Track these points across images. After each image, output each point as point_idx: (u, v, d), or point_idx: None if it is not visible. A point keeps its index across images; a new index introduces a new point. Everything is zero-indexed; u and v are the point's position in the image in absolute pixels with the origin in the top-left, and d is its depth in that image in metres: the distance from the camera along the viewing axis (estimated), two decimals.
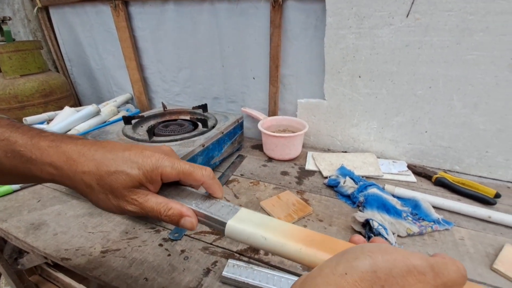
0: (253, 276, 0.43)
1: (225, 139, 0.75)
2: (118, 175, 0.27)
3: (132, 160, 0.28)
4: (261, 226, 0.27)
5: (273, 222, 0.28)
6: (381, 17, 0.65)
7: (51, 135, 0.29)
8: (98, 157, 0.27)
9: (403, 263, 0.17)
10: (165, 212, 0.28)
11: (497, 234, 0.54)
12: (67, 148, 0.28)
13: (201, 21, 0.86)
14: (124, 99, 1.05)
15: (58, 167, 0.27)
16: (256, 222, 0.28)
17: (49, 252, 0.49)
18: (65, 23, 1.09)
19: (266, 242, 0.26)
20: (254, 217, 0.29)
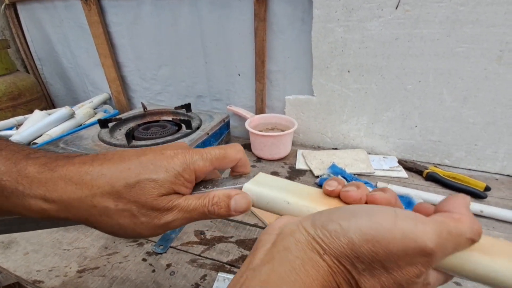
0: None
1: (211, 140, 0.71)
2: (144, 185, 0.21)
3: (155, 164, 0.22)
4: (282, 189, 0.24)
5: (294, 186, 0.25)
6: (369, 9, 0.62)
7: (42, 157, 0.22)
8: (108, 171, 0.21)
9: (400, 246, 0.16)
10: (211, 202, 0.23)
11: (489, 228, 0.54)
12: (63, 171, 0.21)
13: (181, 15, 0.81)
14: (101, 100, 0.98)
15: (54, 200, 0.21)
16: (277, 185, 0.25)
17: (20, 274, 0.44)
18: (33, 19, 1.00)
19: (289, 206, 0.23)
20: (273, 181, 0.26)
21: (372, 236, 0.17)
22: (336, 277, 0.17)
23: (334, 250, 0.17)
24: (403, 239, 0.16)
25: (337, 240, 0.17)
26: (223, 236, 0.52)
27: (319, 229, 0.18)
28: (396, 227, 0.17)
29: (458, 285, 0.42)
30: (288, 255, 0.17)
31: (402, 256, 0.17)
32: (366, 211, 0.18)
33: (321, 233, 0.18)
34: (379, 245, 0.17)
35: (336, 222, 0.18)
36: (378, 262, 0.17)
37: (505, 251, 0.18)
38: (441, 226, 0.17)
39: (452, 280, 0.42)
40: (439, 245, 0.17)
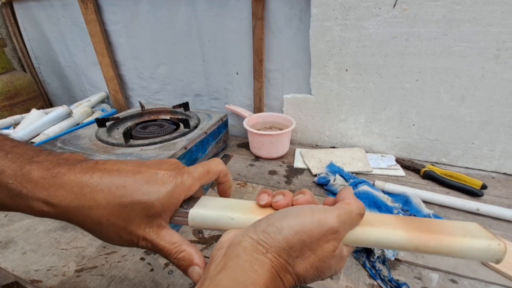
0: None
1: (209, 139, 0.71)
2: (134, 207, 0.24)
3: (148, 187, 0.24)
4: (224, 208, 0.28)
5: (235, 203, 0.29)
6: (367, 7, 0.62)
7: (45, 162, 0.24)
8: (106, 187, 0.23)
9: (318, 230, 0.22)
10: (175, 255, 0.25)
11: (485, 226, 0.54)
12: (65, 180, 0.23)
13: (178, 14, 0.81)
14: (98, 99, 0.98)
15: (54, 205, 0.23)
16: (219, 205, 0.28)
17: (18, 274, 0.44)
18: (30, 18, 1.00)
19: (233, 221, 0.26)
20: (216, 201, 0.29)
21: (299, 228, 0.22)
22: (277, 268, 0.22)
23: (274, 247, 0.22)
24: (319, 225, 0.23)
25: (275, 238, 0.22)
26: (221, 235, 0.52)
27: (260, 233, 0.22)
28: (313, 219, 0.23)
29: (454, 283, 0.43)
30: (238, 261, 0.21)
31: (321, 238, 0.23)
32: (292, 212, 0.24)
33: (263, 236, 0.22)
34: (305, 234, 0.22)
35: (273, 225, 0.23)
36: (306, 247, 0.22)
37: (383, 221, 0.26)
38: (339, 210, 0.24)
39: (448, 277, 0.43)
40: (341, 223, 0.23)
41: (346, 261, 0.27)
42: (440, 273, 0.44)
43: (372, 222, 0.26)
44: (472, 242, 0.22)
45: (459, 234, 0.23)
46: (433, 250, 0.24)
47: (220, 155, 0.79)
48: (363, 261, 0.46)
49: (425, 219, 0.27)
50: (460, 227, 0.24)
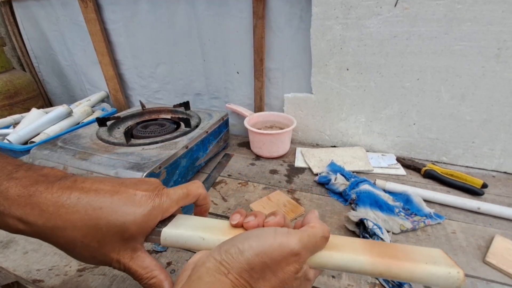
0: None
1: (210, 139, 0.71)
2: (109, 230, 0.24)
3: (125, 209, 0.25)
4: (197, 228, 0.28)
5: (208, 222, 0.29)
6: (368, 6, 0.62)
7: (24, 178, 0.24)
8: (83, 209, 0.24)
9: (278, 253, 0.22)
10: (147, 280, 0.26)
11: (486, 225, 0.54)
12: (42, 199, 0.23)
13: (178, 13, 0.80)
14: (98, 98, 0.98)
15: (30, 223, 0.23)
16: (192, 225, 0.28)
17: (19, 274, 0.44)
18: (29, 17, 0.99)
19: (204, 242, 0.26)
20: (189, 221, 0.29)
21: (260, 250, 0.22)
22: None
23: (235, 268, 0.22)
24: (280, 247, 0.23)
25: (237, 259, 0.22)
26: None
27: (224, 254, 0.23)
28: (275, 241, 0.23)
29: None
30: (200, 283, 0.21)
31: (282, 260, 0.23)
32: (256, 234, 0.24)
33: (225, 256, 0.22)
34: (266, 256, 0.22)
35: (235, 246, 0.23)
36: (267, 268, 0.22)
37: (350, 245, 0.26)
38: (302, 233, 0.24)
39: None
40: (303, 246, 0.23)
41: (312, 283, 0.27)
42: None
43: (338, 246, 0.26)
44: (433, 269, 0.23)
45: (422, 261, 0.24)
46: (396, 276, 0.24)
47: (221, 154, 0.79)
48: None
49: (391, 245, 0.27)
50: (424, 254, 0.25)
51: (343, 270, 0.26)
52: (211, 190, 0.64)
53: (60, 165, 0.53)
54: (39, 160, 0.56)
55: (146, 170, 0.49)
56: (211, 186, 0.65)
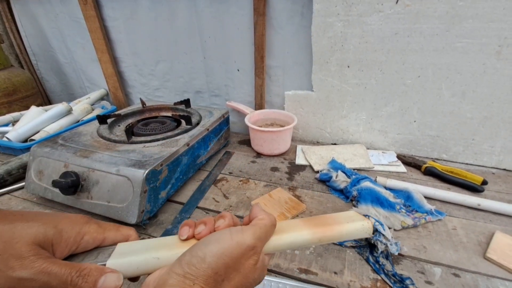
0: None
1: (211, 136, 0.71)
2: (23, 229, 0.22)
3: (47, 220, 0.24)
4: (146, 249, 0.26)
5: (156, 242, 0.28)
6: (370, 3, 0.62)
7: None
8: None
9: (238, 251, 0.24)
10: (78, 272, 0.22)
11: (486, 221, 0.54)
12: None
13: (179, 10, 0.80)
14: (98, 96, 0.97)
15: None
16: (139, 248, 0.26)
17: None
18: (27, 13, 0.98)
19: (159, 261, 0.25)
20: (133, 246, 0.27)
21: (221, 253, 0.23)
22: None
23: (200, 277, 0.22)
24: (238, 246, 0.24)
25: (200, 268, 0.22)
26: None
27: (186, 266, 0.22)
28: (232, 241, 0.24)
29: (456, 276, 0.43)
30: None
31: (242, 257, 0.24)
32: (213, 239, 0.25)
33: (188, 268, 0.22)
34: (227, 257, 0.23)
35: (196, 256, 0.23)
36: (230, 269, 0.23)
37: (291, 226, 0.30)
38: (254, 227, 0.26)
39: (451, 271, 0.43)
40: (257, 239, 0.25)
41: (267, 266, 0.29)
42: (442, 267, 0.44)
43: (283, 229, 0.29)
44: (353, 226, 0.30)
45: (345, 222, 0.30)
46: (331, 238, 0.30)
47: (221, 152, 0.79)
48: (366, 256, 0.46)
49: (321, 216, 0.32)
50: (344, 216, 0.32)
51: (292, 248, 0.29)
52: (212, 188, 0.64)
53: (61, 163, 0.53)
54: (40, 157, 0.55)
55: (148, 167, 0.49)
56: (212, 183, 0.65)
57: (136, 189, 0.48)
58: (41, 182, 0.56)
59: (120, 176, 0.49)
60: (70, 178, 0.50)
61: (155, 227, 0.53)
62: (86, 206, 0.52)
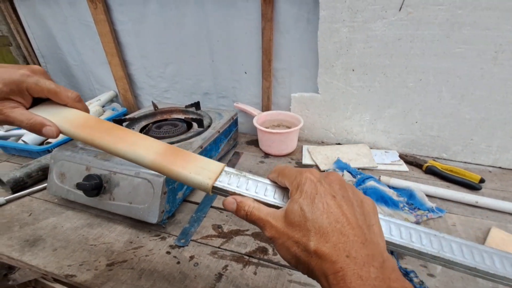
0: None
1: (222, 138, 0.74)
2: None
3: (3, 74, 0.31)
4: (55, 116, 0.34)
5: (65, 113, 0.35)
6: (374, 10, 0.65)
7: None
8: None
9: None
10: (27, 121, 0.32)
11: (483, 218, 0.58)
12: None
13: (187, 14, 0.82)
14: (108, 97, 0.99)
15: None
16: (54, 113, 0.34)
17: (51, 270, 0.47)
18: (34, 15, 0.99)
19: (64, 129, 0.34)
20: (55, 109, 0.35)
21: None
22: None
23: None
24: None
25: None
26: (240, 229, 0.55)
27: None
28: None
29: None
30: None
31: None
32: None
33: None
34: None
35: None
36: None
37: (150, 145, 0.33)
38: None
39: None
40: None
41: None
42: None
43: (138, 143, 0.33)
44: (192, 177, 0.30)
45: (188, 170, 0.30)
46: (169, 175, 0.31)
47: (231, 153, 0.82)
48: None
49: (186, 153, 0.33)
50: (199, 166, 0.31)
51: (133, 162, 0.32)
52: None
53: (83, 166, 0.56)
54: (61, 161, 0.58)
55: None
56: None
57: (157, 191, 0.51)
58: (63, 184, 0.58)
59: (140, 178, 0.52)
60: (93, 181, 0.53)
61: (174, 226, 0.56)
62: (109, 207, 0.55)
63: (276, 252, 0.50)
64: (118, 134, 0.33)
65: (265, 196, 0.29)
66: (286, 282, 0.44)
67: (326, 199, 0.23)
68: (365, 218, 0.23)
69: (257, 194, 0.29)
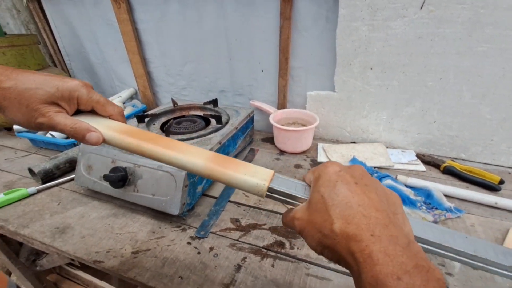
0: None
1: (239, 134, 0.75)
2: (37, 91, 0.31)
3: (52, 82, 0.32)
4: (121, 133, 0.34)
5: (131, 130, 0.35)
6: (394, 9, 0.65)
7: None
8: (20, 78, 0.30)
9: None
10: (72, 125, 0.32)
11: (503, 219, 0.57)
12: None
13: (207, 13, 0.84)
14: (128, 94, 1.03)
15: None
16: (113, 127, 0.35)
17: (80, 256, 0.50)
18: (61, 15, 1.04)
19: (125, 145, 0.34)
20: (114, 124, 0.36)
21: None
22: None
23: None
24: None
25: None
26: (257, 223, 0.57)
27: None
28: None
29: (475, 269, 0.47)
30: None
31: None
32: None
33: None
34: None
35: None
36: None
37: (196, 152, 0.33)
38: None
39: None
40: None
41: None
42: None
43: (185, 150, 0.33)
44: (245, 179, 0.30)
45: (242, 173, 0.30)
46: (221, 180, 0.31)
47: (247, 149, 0.84)
48: None
49: (232, 159, 0.32)
50: (251, 170, 0.31)
51: (185, 169, 0.32)
52: None
53: (109, 159, 0.59)
54: (88, 154, 0.61)
55: None
56: None
57: (179, 184, 0.53)
58: (90, 176, 0.61)
59: (163, 171, 0.54)
60: (119, 173, 0.55)
61: (193, 218, 0.58)
62: (133, 198, 0.57)
63: (293, 246, 0.51)
64: (164, 142, 0.34)
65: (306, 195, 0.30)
66: (303, 276, 0.46)
67: (348, 186, 0.24)
68: (389, 206, 0.24)
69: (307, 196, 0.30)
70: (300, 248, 0.51)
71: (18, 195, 0.63)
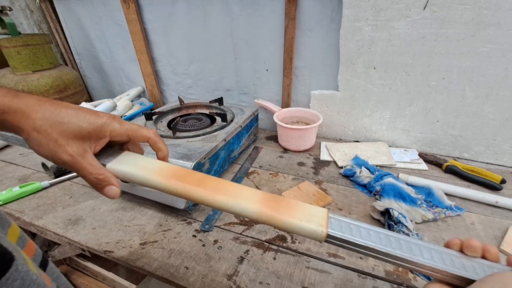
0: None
1: (243, 132, 0.77)
2: (70, 125, 0.29)
3: (85, 116, 0.30)
4: (143, 168, 0.32)
5: (156, 164, 0.33)
6: (398, 9, 0.66)
7: (4, 89, 0.29)
8: (54, 110, 0.29)
9: None
10: (96, 174, 0.30)
11: (503, 218, 0.58)
12: (26, 98, 0.29)
13: (213, 13, 0.86)
14: (136, 93, 1.05)
15: (16, 111, 0.28)
16: (138, 163, 0.33)
17: (91, 246, 0.52)
18: (72, 15, 1.07)
19: (149, 182, 0.31)
20: (136, 159, 0.33)
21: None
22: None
23: None
24: None
25: None
26: None
27: None
28: None
29: None
30: None
31: None
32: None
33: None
34: None
35: None
36: None
37: (250, 194, 0.31)
38: None
39: None
40: None
41: None
42: None
43: (238, 194, 0.31)
44: (303, 226, 0.28)
45: (298, 218, 0.29)
46: (277, 226, 0.29)
47: (251, 147, 0.86)
48: None
49: (287, 200, 0.31)
50: (305, 213, 0.29)
51: (239, 215, 0.31)
52: (245, 180, 0.70)
53: None
54: None
55: (194, 160, 0.56)
56: (244, 175, 0.72)
57: None
58: None
59: None
60: None
61: (199, 212, 0.60)
62: (141, 192, 0.60)
63: (294, 240, 0.53)
64: (212, 183, 0.32)
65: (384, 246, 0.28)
66: (304, 268, 0.47)
67: None
68: None
69: (385, 247, 0.28)
70: (301, 242, 0.53)
71: (32, 188, 0.66)
